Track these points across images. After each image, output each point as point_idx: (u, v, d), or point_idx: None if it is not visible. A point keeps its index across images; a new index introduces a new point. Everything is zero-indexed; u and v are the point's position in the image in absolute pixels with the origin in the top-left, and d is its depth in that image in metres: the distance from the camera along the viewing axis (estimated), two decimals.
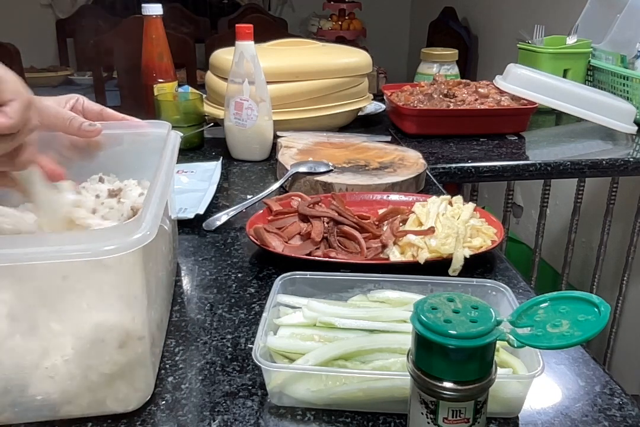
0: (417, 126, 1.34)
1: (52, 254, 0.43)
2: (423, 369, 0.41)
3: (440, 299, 0.42)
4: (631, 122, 1.38)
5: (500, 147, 1.30)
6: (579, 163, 1.23)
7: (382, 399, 0.52)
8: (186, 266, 0.78)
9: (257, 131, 1.15)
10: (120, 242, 0.44)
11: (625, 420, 0.52)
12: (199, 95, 1.25)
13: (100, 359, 0.49)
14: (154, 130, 0.71)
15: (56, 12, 3.62)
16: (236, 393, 0.55)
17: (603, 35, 1.57)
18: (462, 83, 1.44)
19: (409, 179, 0.98)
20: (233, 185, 1.07)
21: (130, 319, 0.49)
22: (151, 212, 0.49)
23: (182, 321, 0.66)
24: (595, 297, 0.42)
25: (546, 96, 1.37)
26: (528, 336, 0.42)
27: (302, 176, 0.99)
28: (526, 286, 0.74)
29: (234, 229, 0.88)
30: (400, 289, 0.63)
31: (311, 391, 0.52)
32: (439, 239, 0.74)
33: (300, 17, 3.94)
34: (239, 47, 1.11)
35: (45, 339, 0.48)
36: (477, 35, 3.08)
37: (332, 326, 0.57)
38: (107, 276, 0.47)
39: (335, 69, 1.29)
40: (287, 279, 0.63)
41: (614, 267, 1.76)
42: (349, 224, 0.80)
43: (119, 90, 2.38)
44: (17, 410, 0.50)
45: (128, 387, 0.51)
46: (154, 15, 1.26)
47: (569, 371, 0.59)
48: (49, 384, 0.49)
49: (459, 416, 0.41)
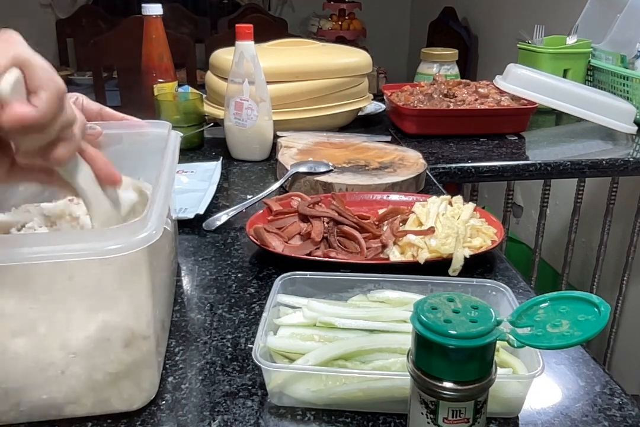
0: (417, 126, 1.34)
1: (58, 253, 0.43)
2: (423, 369, 0.41)
3: (440, 299, 0.42)
4: (631, 122, 1.38)
5: (500, 147, 1.30)
6: (579, 163, 1.23)
7: (382, 399, 0.52)
8: (186, 266, 0.79)
9: (257, 131, 1.15)
10: (126, 242, 0.44)
11: (625, 420, 0.52)
12: (199, 95, 1.25)
13: (105, 358, 0.49)
14: (154, 130, 0.71)
15: (56, 12, 3.62)
16: (236, 393, 0.55)
17: (603, 35, 1.57)
18: (462, 83, 1.44)
19: (409, 179, 0.98)
20: (233, 185, 1.07)
21: (136, 319, 0.49)
22: (156, 211, 0.49)
23: (182, 321, 0.66)
24: (595, 297, 0.42)
25: (546, 96, 1.37)
26: (528, 336, 0.42)
27: (302, 176, 0.99)
28: (526, 286, 0.74)
29: (234, 229, 0.88)
30: (400, 289, 0.63)
31: (311, 391, 0.52)
32: (439, 239, 0.74)
33: (300, 17, 3.94)
34: (239, 47, 1.11)
35: (51, 339, 0.48)
36: (477, 35, 3.08)
37: (332, 326, 0.57)
38: (113, 275, 0.47)
39: (335, 69, 1.29)
40: (287, 279, 0.63)
41: (614, 267, 1.76)
42: (349, 224, 0.80)
43: (119, 90, 2.38)
44: (23, 409, 0.50)
45: (133, 387, 0.51)
46: (154, 15, 1.26)
47: (569, 371, 0.59)
48: (55, 384, 0.49)
49: (459, 416, 0.41)
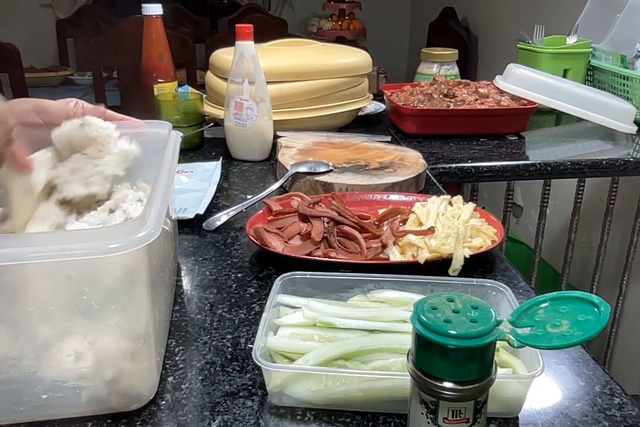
0: (417, 126, 1.34)
1: (57, 252, 0.43)
2: (423, 369, 0.41)
3: (440, 299, 0.42)
4: (631, 122, 1.38)
5: (500, 147, 1.30)
6: (579, 163, 1.23)
7: (382, 399, 0.52)
8: (186, 266, 0.79)
9: (257, 131, 1.15)
10: (124, 241, 0.44)
11: (625, 420, 0.52)
12: (199, 95, 1.25)
13: (105, 357, 0.49)
14: (154, 130, 0.71)
15: (56, 12, 3.62)
16: (236, 393, 0.55)
17: (603, 35, 1.57)
18: (462, 83, 1.44)
19: (409, 179, 0.98)
20: (233, 185, 1.07)
21: (135, 318, 0.49)
22: (155, 210, 0.49)
23: (182, 321, 0.66)
24: (595, 297, 0.42)
25: (546, 96, 1.37)
26: (528, 336, 0.42)
27: (302, 176, 0.99)
28: (526, 286, 0.74)
29: (234, 229, 0.88)
30: (400, 289, 0.63)
31: (311, 391, 0.52)
32: (439, 239, 0.74)
33: (300, 17, 3.93)
34: (239, 47, 1.11)
35: (50, 338, 0.48)
36: (477, 35, 3.08)
37: (332, 326, 0.57)
38: (111, 275, 0.47)
39: (335, 69, 1.29)
40: (287, 279, 0.63)
41: (614, 267, 1.76)
42: (349, 224, 0.80)
43: (119, 90, 2.38)
44: (23, 409, 0.50)
45: (133, 386, 0.51)
46: (154, 15, 1.26)
47: (569, 371, 0.59)
48: (54, 383, 0.49)
49: (459, 416, 0.41)
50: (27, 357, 0.48)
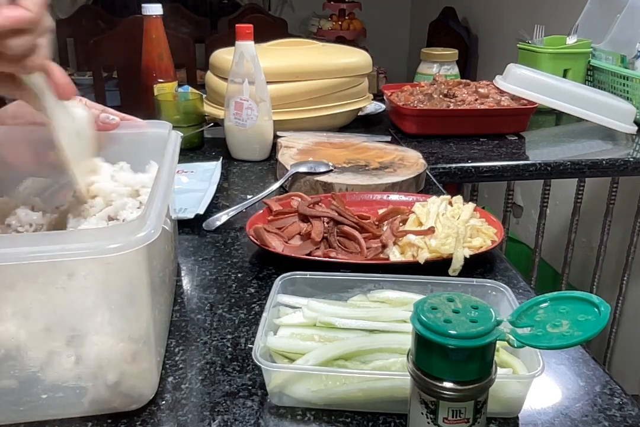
0: (417, 126, 1.34)
1: (57, 252, 0.43)
2: (423, 369, 0.41)
3: (440, 299, 0.42)
4: (631, 122, 1.38)
5: (500, 147, 1.30)
6: (579, 163, 1.23)
7: (382, 399, 0.52)
8: (186, 266, 0.79)
9: (257, 131, 1.15)
10: (125, 240, 0.44)
11: (625, 420, 0.52)
12: (199, 95, 1.25)
13: (105, 358, 0.49)
14: (154, 130, 0.71)
15: (56, 12, 3.62)
16: (236, 393, 0.55)
17: (603, 35, 1.57)
18: (462, 83, 1.44)
19: (409, 179, 0.98)
20: (233, 185, 1.07)
21: (135, 318, 0.49)
22: (155, 210, 0.49)
23: (182, 321, 0.66)
24: (595, 297, 0.42)
25: (546, 96, 1.37)
26: (528, 336, 0.42)
27: (302, 176, 0.99)
28: (526, 286, 0.74)
29: (234, 229, 0.88)
30: (400, 289, 0.63)
31: (311, 391, 0.52)
32: (439, 239, 0.74)
33: (300, 17, 3.94)
34: (239, 47, 1.11)
35: (50, 338, 0.48)
36: (477, 35, 3.08)
37: (332, 326, 0.57)
38: (112, 274, 0.47)
39: (335, 69, 1.29)
40: (287, 279, 0.63)
41: (614, 267, 1.76)
42: (349, 224, 0.80)
43: (119, 90, 2.38)
44: (23, 409, 0.50)
45: (132, 386, 0.51)
46: (154, 15, 1.26)
47: (569, 371, 0.59)
48: (55, 383, 0.49)
49: (459, 416, 0.41)
50: (27, 358, 0.48)
